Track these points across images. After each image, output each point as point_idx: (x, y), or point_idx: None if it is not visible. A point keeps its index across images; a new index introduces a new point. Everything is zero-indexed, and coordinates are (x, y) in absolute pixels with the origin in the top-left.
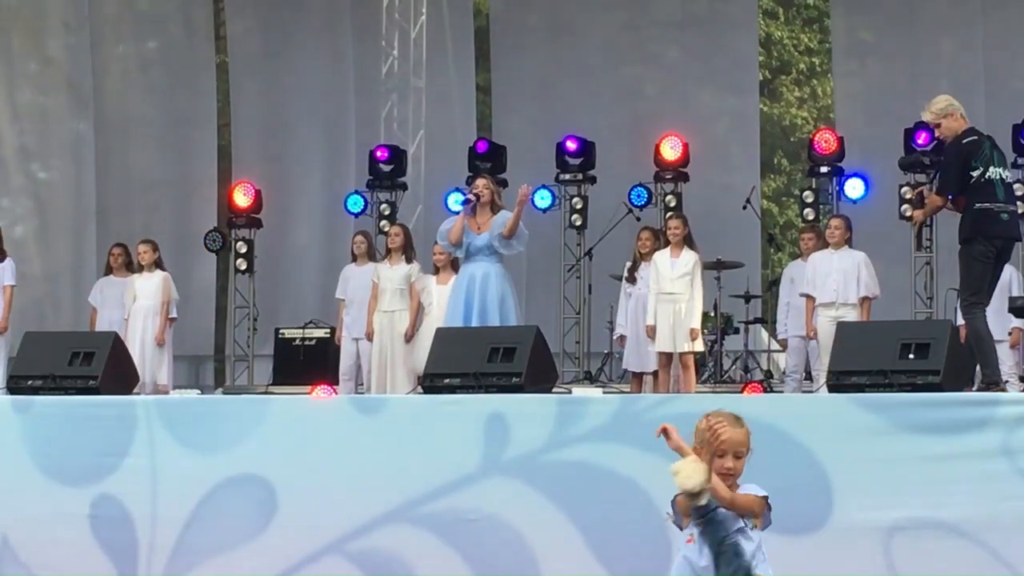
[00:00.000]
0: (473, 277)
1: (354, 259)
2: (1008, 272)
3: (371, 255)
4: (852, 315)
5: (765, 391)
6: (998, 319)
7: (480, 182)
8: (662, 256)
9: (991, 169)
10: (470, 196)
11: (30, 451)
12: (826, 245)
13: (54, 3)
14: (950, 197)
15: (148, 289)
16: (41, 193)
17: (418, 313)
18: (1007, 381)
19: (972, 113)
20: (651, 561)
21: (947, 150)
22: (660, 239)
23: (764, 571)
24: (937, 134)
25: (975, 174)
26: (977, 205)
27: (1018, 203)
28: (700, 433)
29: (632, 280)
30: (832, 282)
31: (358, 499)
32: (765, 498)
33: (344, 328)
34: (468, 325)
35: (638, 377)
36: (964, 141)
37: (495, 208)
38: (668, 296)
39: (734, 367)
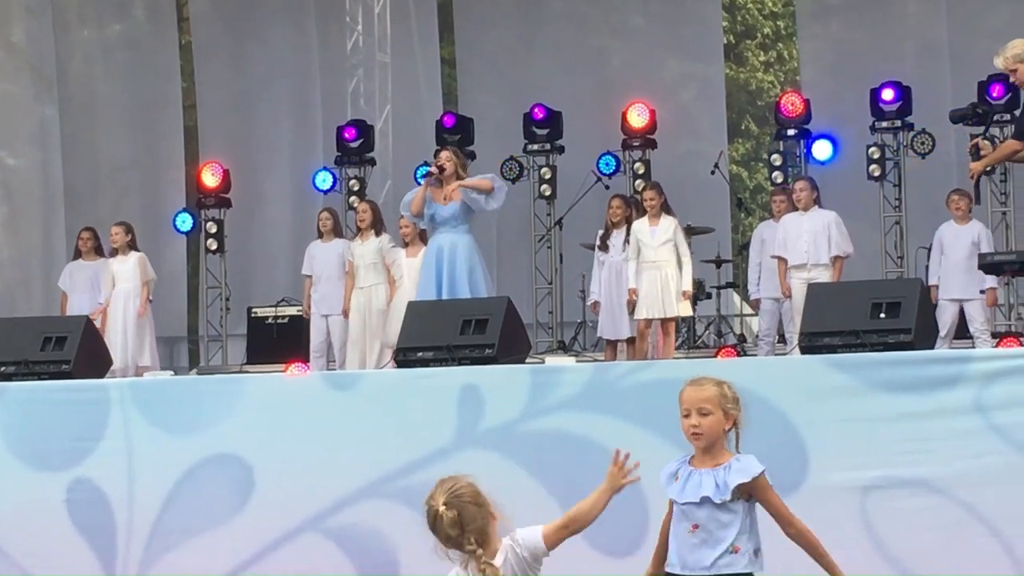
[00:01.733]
0: (441, 248)
1: (320, 236)
2: (976, 229)
3: (337, 232)
4: (825, 276)
5: (739, 355)
6: (970, 277)
7: (444, 154)
8: (641, 226)
9: None
10: (432, 168)
11: (4, 437)
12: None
13: None
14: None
15: (125, 271)
16: (8, 180)
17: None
18: (979, 337)
19: (937, 73)
20: (628, 528)
21: None
22: (631, 207)
23: (744, 542)
24: (1013, 80)
25: None
26: None
27: None
28: None
29: (604, 248)
30: (803, 244)
31: (334, 475)
32: (763, 474)
33: (312, 305)
34: (439, 297)
35: (612, 344)
36: None
37: (460, 179)
38: (652, 264)
39: (707, 332)
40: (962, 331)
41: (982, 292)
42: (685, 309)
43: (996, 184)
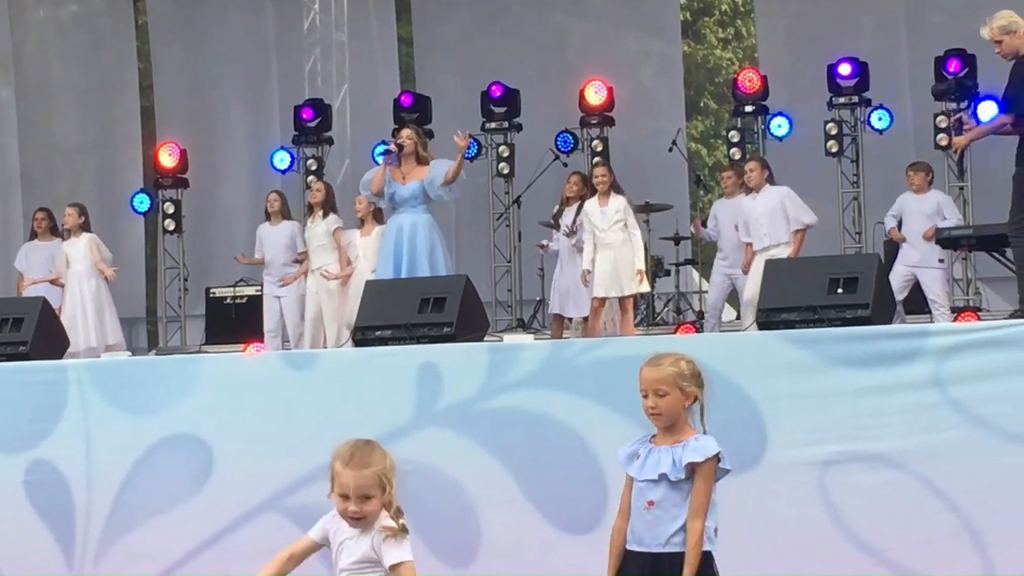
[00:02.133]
0: (401, 228)
1: (268, 218)
2: (935, 198)
3: (285, 213)
4: (788, 252)
5: (697, 331)
6: (929, 247)
7: (404, 132)
8: (591, 206)
9: None
10: (391, 147)
11: None
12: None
13: None
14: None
15: (77, 253)
16: None
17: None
18: (936, 307)
19: (894, 47)
20: (587, 505)
21: (1015, 69)
22: (587, 186)
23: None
24: (998, 51)
25: None
26: None
27: None
28: None
29: (557, 226)
30: (761, 226)
31: (293, 455)
32: (716, 458)
33: (265, 286)
34: (398, 276)
35: (559, 320)
36: None
37: (420, 159)
38: (605, 244)
39: (666, 309)
40: (921, 304)
41: (940, 261)
42: (642, 287)
43: (953, 159)
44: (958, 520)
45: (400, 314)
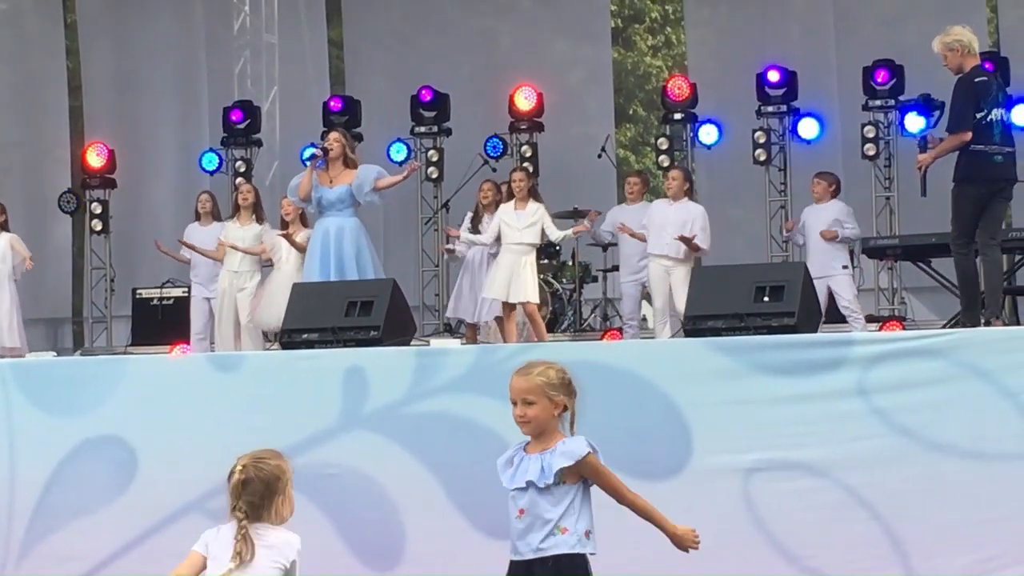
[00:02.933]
0: (328, 231)
1: (198, 218)
2: (834, 208)
3: (215, 215)
4: (680, 269)
5: (624, 338)
6: (830, 255)
7: (332, 135)
8: (507, 208)
9: (994, 111)
10: (317, 151)
11: None
12: (663, 193)
13: None
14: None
15: None
16: None
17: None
18: (849, 313)
19: (822, 56)
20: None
21: (957, 86)
22: (501, 192)
23: (572, 523)
24: (944, 63)
25: (979, 115)
26: (972, 147)
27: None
28: None
29: (476, 232)
30: (667, 235)
31: (218, 457)
32: (593, 452)
33: (193, 287)
34: (326, 279)
35: (472, 327)
36: (976, 80)
37: (348, 162)
38: (513, 247)
39: (593, 315)
40: (837, 315)
41: (844, 267)
42: (532, 295)
43: (880, 169)
44: (880, 528)
45: (327, 317)
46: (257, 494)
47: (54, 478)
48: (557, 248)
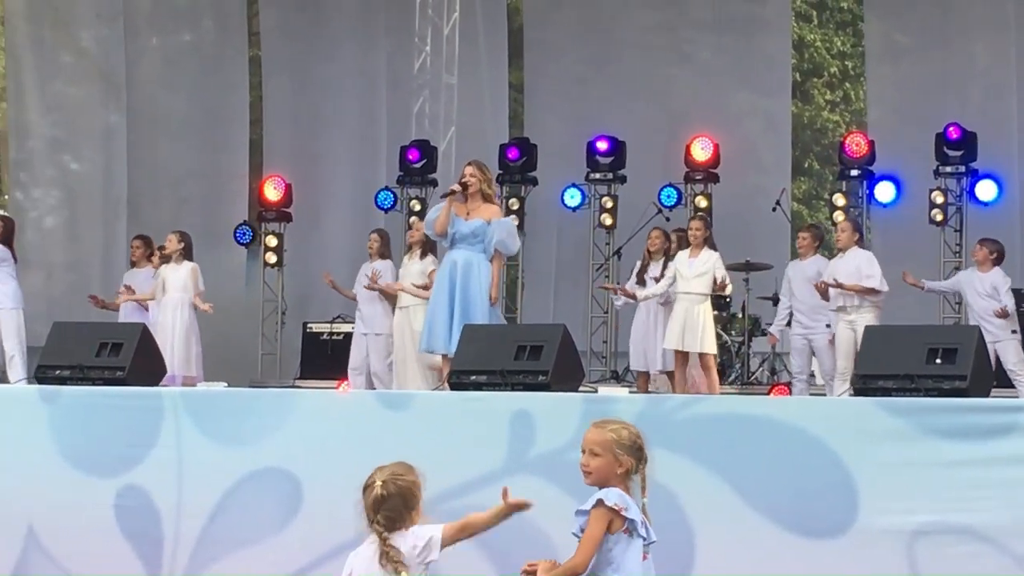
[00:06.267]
0: (455, 264)
1: (370, 256)
2: (993, 276)
3: (385, 253)
4: (868, 316)
5: (792, 393)
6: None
7: (468, 169)
8: (681, 256)
9: None
10: (454, 186)
11: (57, 441)
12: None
13: None
14: None
15: (176, 280)
16: (72, 184)
17: None
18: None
19: (1005, 115)
20: (673, 565)
21: None
22: (670, 240)
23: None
24: None
25: None
26: None
27: None
28: None
29: (641, 283)
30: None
31: None
32: (599, 503)
33: (356, 323)
34: (451, 314)
35: (644, 376)
36: None
37: (486, 196)
38: (684, 295)
39: (761, 369)
40: (1003, 378)
41: (1014, 332)
42: (709, 346)
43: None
44: None
45: (496, 360)
46: (396, 509)
47: (219, 507)
48: (727, 300)
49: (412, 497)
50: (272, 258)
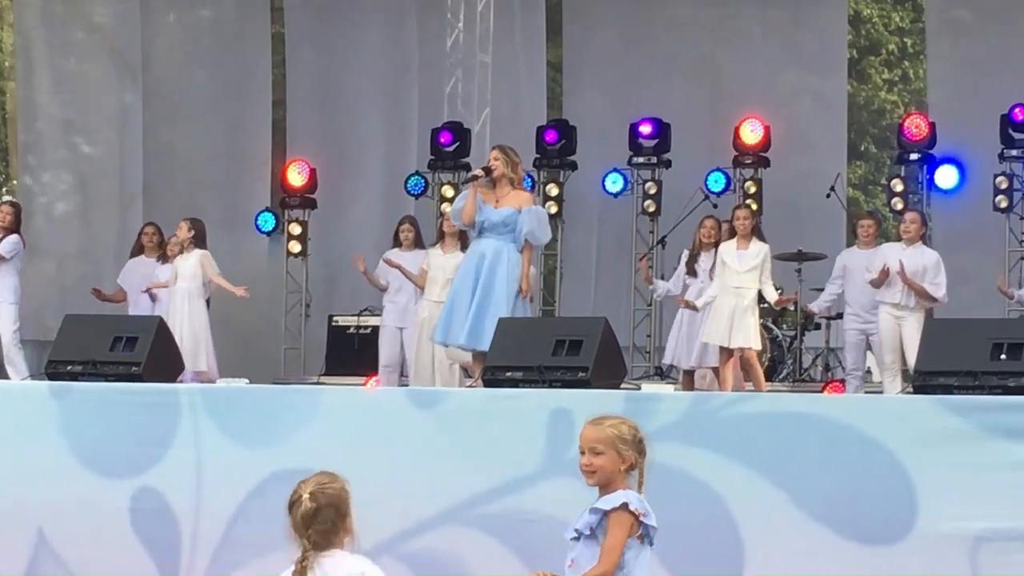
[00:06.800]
0: (483, 255)
1: (398, 245)
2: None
3: (418, 243)
4: (914, 319)
5: (846, 391)
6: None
7: (492, 154)
8: (728, 247)
9: None
10: (477, 171)
11: (68, 440)
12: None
13: None
14: None
15: (186, 270)
16: (84, 168)
17: None
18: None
19: None
20: (720, 564)
21: None
22: (722, 229)
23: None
24: None
25: None
26: None
27: None
28: None
29: (692, 272)
30: (898, 282)
31: (412, 498)
32: (624, 507)
33: (385, 316)
34: (471, 304)
35: (689, 374)
36: None
37: (513, 181)
38: (733, 289)
39: (814, 365)
40: None
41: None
42: (753, 341)
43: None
44: None
45: (534, 355)
46: (328, 520)
47: (241, 511)
48: (779, 290)
49: (344, 504)
50: (296, 247)
